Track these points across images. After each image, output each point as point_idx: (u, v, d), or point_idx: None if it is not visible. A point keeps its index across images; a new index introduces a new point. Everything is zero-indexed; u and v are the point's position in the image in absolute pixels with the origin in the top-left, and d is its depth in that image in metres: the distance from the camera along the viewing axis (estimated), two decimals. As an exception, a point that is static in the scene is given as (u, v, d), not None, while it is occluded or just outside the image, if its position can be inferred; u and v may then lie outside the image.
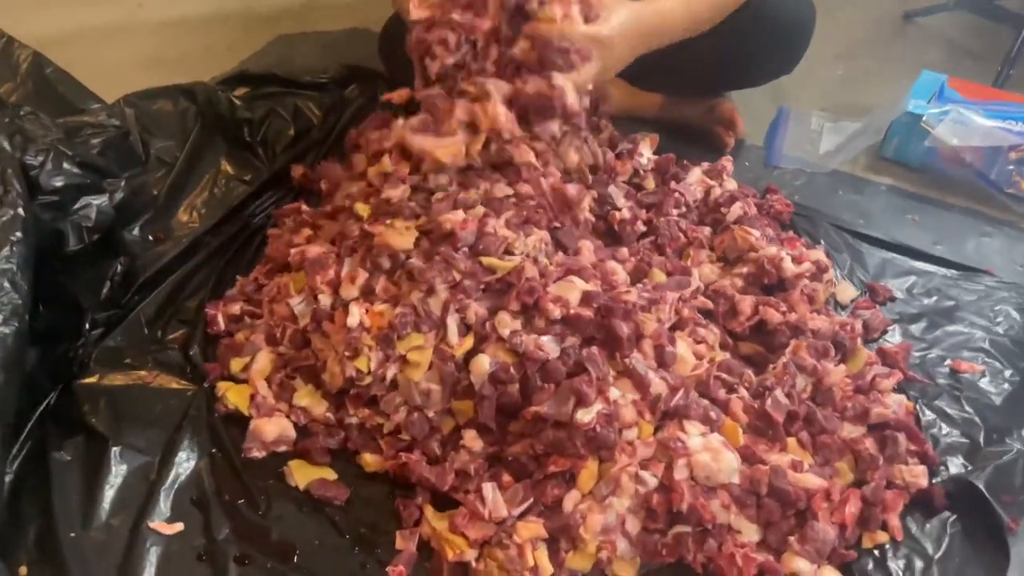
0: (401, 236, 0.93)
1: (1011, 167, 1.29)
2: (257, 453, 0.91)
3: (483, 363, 0.86)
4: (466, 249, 0.92)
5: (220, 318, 1.04)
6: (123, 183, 1.17)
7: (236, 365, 0.98)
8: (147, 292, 1.08)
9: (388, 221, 0.95)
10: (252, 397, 0.95)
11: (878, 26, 1.87)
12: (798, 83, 1.61)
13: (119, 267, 1.11)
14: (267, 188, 1.28)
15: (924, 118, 1.34)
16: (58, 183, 1.07)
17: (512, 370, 0.86)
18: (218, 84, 1.47)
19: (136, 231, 1.20)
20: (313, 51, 1.67)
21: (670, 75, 1.38)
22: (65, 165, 1.09)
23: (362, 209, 0.99)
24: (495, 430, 0.87)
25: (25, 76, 1.30)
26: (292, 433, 0.92)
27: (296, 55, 1.65)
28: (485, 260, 0.91)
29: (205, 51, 1.68)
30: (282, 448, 0.92)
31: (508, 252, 0.94)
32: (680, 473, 0.82)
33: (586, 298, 0.90)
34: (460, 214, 0.94)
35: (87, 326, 1.03)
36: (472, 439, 0.87)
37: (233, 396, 0.95)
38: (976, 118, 1.32)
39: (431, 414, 0.89)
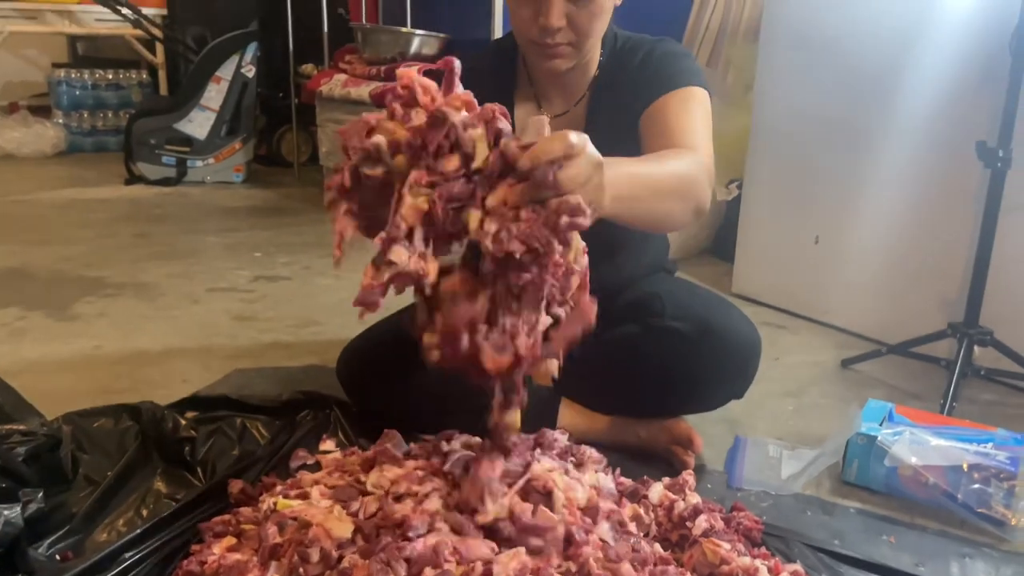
0: (339, 522, 0.84)
1: (977, 486, 1.26)
2: None
3: None
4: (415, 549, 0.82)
5: (117, 642, 0.89)
6: (40, 495, 1.09)
7: None
8: (38, 612, 0.94)
9: (327, 504, 0.86)
10: None
11: (821, 370, 1.95)
12: (752, 415, 1.64)
13: (14, 587, 0.98)
14: (200, 503, 1.18)
15: (879, 438, 1.33)
16: (-33, 484, 0.98)
17: None
18: (167, 407, 1.44)
19: (43, 549, 1.08)
20: (269, 383, 1.67)
21: (623, 397, 1.39)
22: (-19, 467, 1.01)
23: (282, 504, 0.91)
24: None
25: (-35, 388, 1.26)
26: None
27: (252, 386, 1.65)
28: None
29: (160, 380, 1.67)
30: None
31: None
32: None
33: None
34: (410, 504, 0.86)
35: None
36: None
37: None
38: (930, 438, 1.32)
39: None
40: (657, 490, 1.20)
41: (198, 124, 3.97)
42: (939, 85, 1.94)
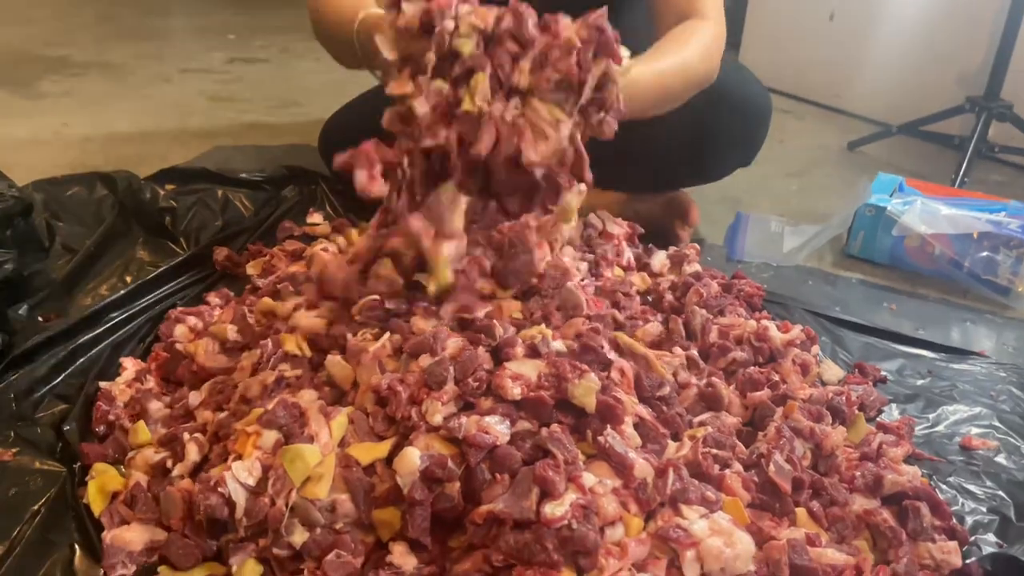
0: None
1: (986, 254, 1.23)
2: (124, 571, 0.69)
3: (412, 458, 0.66)
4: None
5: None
6: (14, 254, 1.03)
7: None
8: (23, 366, 0.91)
9: None
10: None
11: (826, 152, 1.88)
12: (754, 195, 1.58)
13: (-3, 344, 0.94)
14: (184, 271, 1.14)
15: (889, 208, 1.29)
16: (-67, 239, 0.93)
17: (451, 464, 0.67)
18: (145, 179, 1.36)
19: (23, 311, 1.04)
20: (250, 160, 1.59)
21: (631, 168, 1.32)
22: (-53, 222, 0.95)
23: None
24: (431, 548, 0.67)
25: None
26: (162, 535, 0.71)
27: (232, 162, 1.56)
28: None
29: (135, 157, 1.59)
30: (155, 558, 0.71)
31: None
32: (691, 570, 0.64)
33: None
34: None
35: (-59, 400, 0.84)
36: (402, 555, 0.66)
37: (95, 491, 0.75)
38: (942, 208, 1.27)
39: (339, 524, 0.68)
40: (659, 259, 1.17)
41: None
42: None
